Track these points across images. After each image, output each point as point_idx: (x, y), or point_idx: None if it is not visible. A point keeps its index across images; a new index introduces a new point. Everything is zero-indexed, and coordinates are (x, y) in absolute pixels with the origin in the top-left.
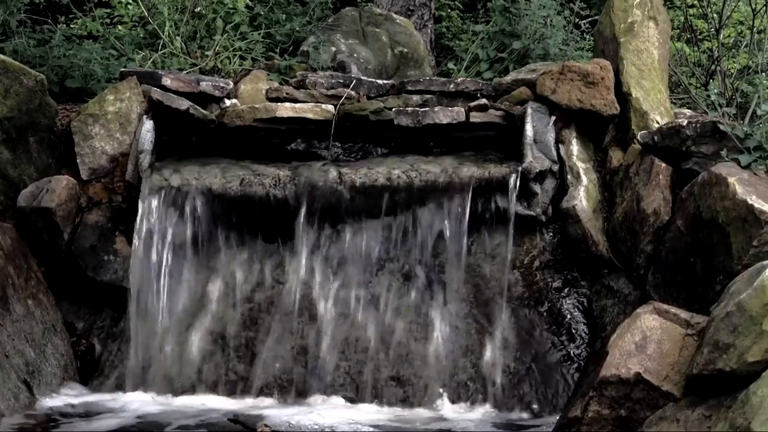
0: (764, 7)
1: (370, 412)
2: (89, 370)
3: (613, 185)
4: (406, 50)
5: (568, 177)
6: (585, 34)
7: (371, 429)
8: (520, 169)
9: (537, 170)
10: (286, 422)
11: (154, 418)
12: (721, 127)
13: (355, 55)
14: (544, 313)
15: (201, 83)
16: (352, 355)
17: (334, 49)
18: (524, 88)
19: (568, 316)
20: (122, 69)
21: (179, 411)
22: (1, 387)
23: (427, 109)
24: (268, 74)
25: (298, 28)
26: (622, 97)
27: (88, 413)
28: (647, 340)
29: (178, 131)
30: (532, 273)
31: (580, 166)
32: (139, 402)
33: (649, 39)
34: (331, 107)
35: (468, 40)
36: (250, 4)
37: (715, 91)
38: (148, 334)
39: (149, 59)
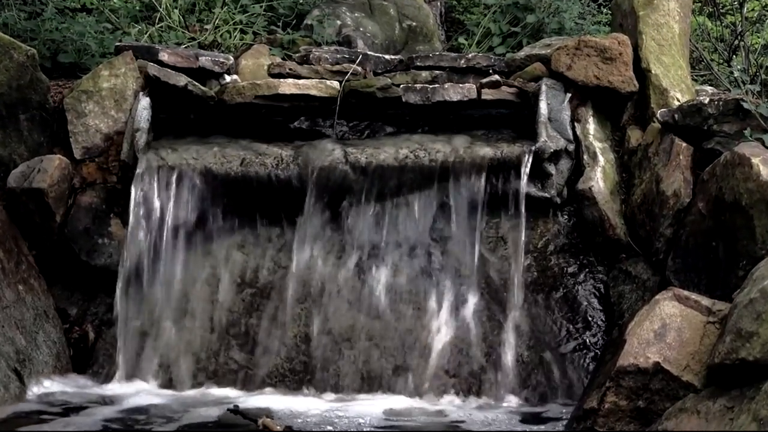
0: None
1: (376, 402)
2: (83, 359)
3: (631, 166)
4: (414, 24)
5: (584, 157)
6: (602, 8)
7: (378, 419)
8: (533, 148)
9: (551, 150)
10: (289, 413)
11: (150, 409)
12: (745, 105)
13: (361, 29)
14: (559, 300)
15: (200, 58)
16: (357, 343)
17: (339, 22)
18: (538, 63)
19: (584, 303)
20: (117, 43)
21: (176, 401)
22: None
23: (436, 85)
24: (270, 49)
25: (301, 1)
26: (641, 73)
27: (82, 404)
28: (667, 328)
29: (175, 108)
30: (547, 257)
31: (597, 145)
32: (135, 392)
33: (669, 12)
34: (336, 83)
35: (480, 13)
36: None
37: (739, 67)
38: (143, 321)
39: (146, 33)
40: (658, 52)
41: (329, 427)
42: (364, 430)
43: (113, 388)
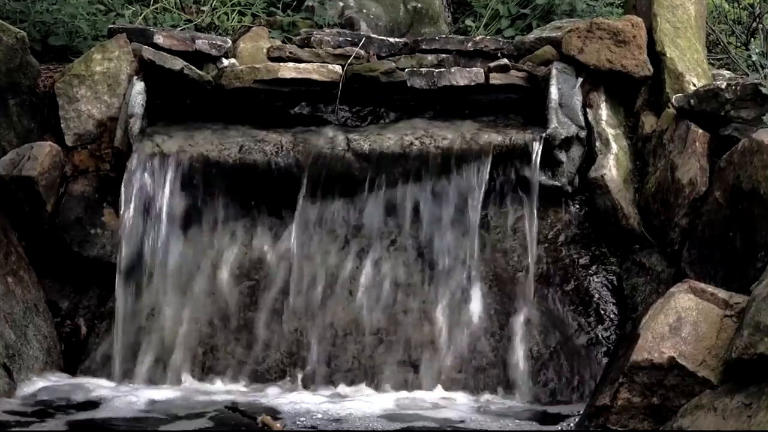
0: None
1: (378, 399)
2: (74, 354)
3: (645, 153)
4: (420, 6)
5: (597, 144)
6: None
7: (382, 417)
8: (543, 135)
9: (562, 137)
10: (290, 410)
11: (145, 406)
12: (763, 90)
13: (364, 10)
14: (570, 293)
15: (196, 41)
16: (360, 337)
17: (341, 4)
18: (549, 47)
19: (596, 296)
20: (110, 26)
21: (172, 398)
22: None
23: (442, 69)
24: (270, 32)
25: None
26: (656, 57)
27: (74, 401)
28: (682, 322)
29: (171, 93)
30: (557, 248)
31: (610, 132)
32: (129, 389)
33: None
34: (338, 68)
35: None
36: None
37: (757, 50)
38: (137, 314)
39: (140, 15)
40: (673, 35)
41: (331, 425)
42: (368, 428)
43: (105, 384)
